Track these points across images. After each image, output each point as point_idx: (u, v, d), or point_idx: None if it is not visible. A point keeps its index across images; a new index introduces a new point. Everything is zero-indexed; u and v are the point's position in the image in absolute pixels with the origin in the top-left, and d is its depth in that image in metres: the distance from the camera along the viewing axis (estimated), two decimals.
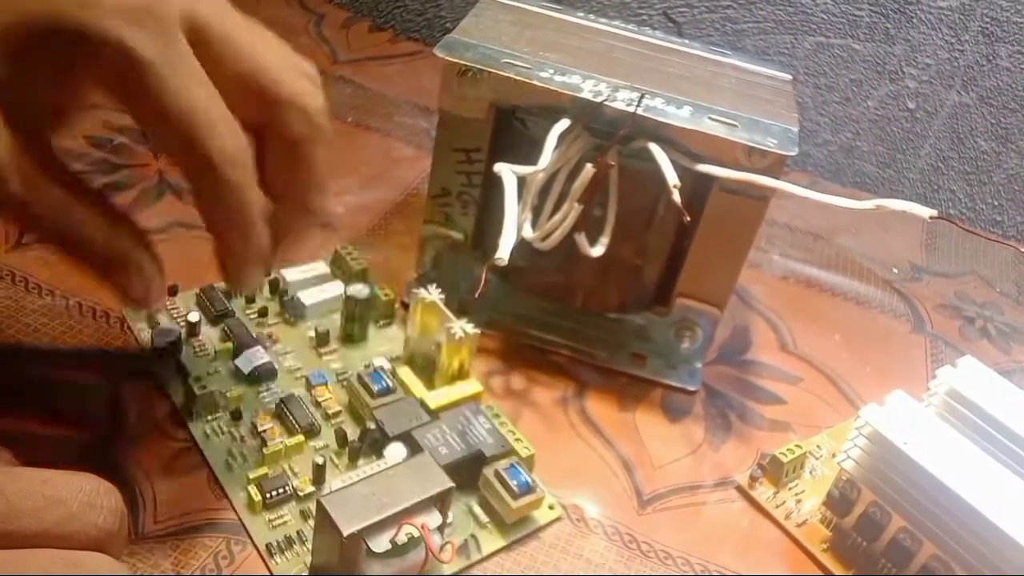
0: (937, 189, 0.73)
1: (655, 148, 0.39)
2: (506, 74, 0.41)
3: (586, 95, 0.40)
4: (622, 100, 0.40)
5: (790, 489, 0.42)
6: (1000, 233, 0.73)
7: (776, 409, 0.47)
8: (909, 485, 0.36)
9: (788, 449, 0.42)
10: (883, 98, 0.70)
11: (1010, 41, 0.66)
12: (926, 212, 0.35)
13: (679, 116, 0.40)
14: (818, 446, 0.44)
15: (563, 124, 0.40)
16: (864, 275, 0.60)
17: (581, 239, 0.41)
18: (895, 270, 0.61)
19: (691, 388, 0.47)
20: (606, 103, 0.40)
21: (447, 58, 0.41)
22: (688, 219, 0.39)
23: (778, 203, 0.41)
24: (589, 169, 0.39)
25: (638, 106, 0.40)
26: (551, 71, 0.41)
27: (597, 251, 0.41)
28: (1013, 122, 0.69)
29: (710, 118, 0.41)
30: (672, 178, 0.38)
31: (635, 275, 0.46)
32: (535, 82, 0.40)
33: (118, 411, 0.39)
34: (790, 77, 0.49)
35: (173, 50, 0.27)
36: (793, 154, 0.40)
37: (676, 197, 0.38)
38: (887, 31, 0.68)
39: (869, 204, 0.36)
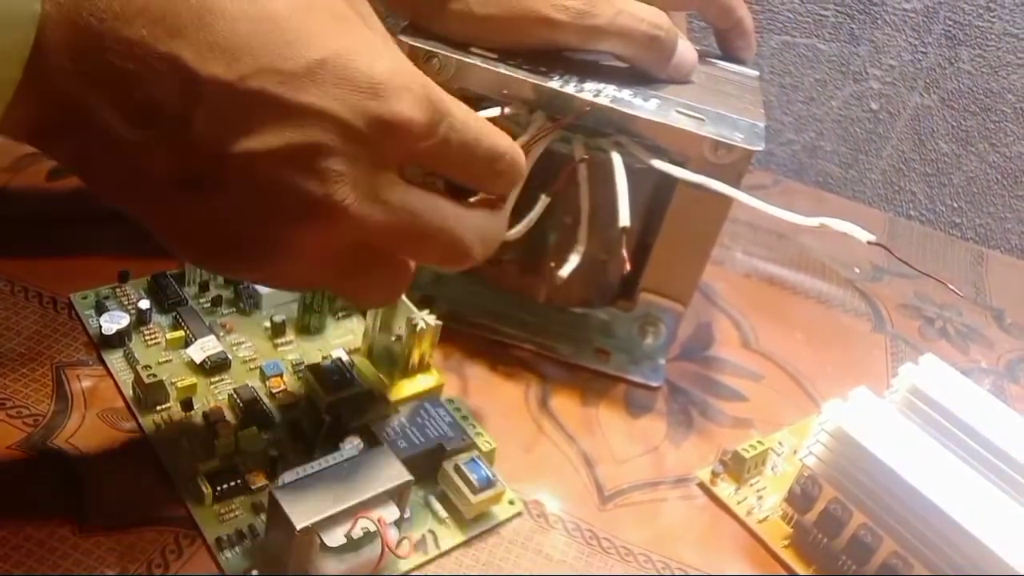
0: (898, 190, 0.74)
1: (616, 157, 0.39)
2: (472, 61, 0.40)
3: (553, 84, 0.40)
4: (589, 91, 0.40)
5: (752, 485, 0.41)
6: (959, 235, 0.74)
7: (738, 406, 0.47)
8: (870, 481, 0.36)
9: (750, 445, 0.42)
10: (847, 98, 0.71)
11: (972, 44, 0.67)
12: (865, 236, 0.36)
13: (646, 108, 0.40)
14: (780, 442, 0.44)
15: (492, 111, 0.39)
16: (826, 274, 0.60)
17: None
18: (856, 270, 0.62)
19: (654, 384, 0.47)
20: (572, 93, 0.39)
21: (411, 43, 0.40)
22: (628, 268, 0.39)
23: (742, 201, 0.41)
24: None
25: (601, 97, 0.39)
26: (518, 60, 0.41)
27: (566, 270, 0.41)
28: (973, 125, 0.69)
29: (677, 111, 0.40)
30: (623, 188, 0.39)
31: (600, 270, 0.46)
32: (502, 70, 0.40)
33: (64, 400, 0.37)
34: (757, 73, 0.49)
35: None
36: (759, 150, 0.40)
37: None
38: (852, 31, 0.68)
39: (814, 221, 0.36)
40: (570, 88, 0.40)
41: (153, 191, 0.27)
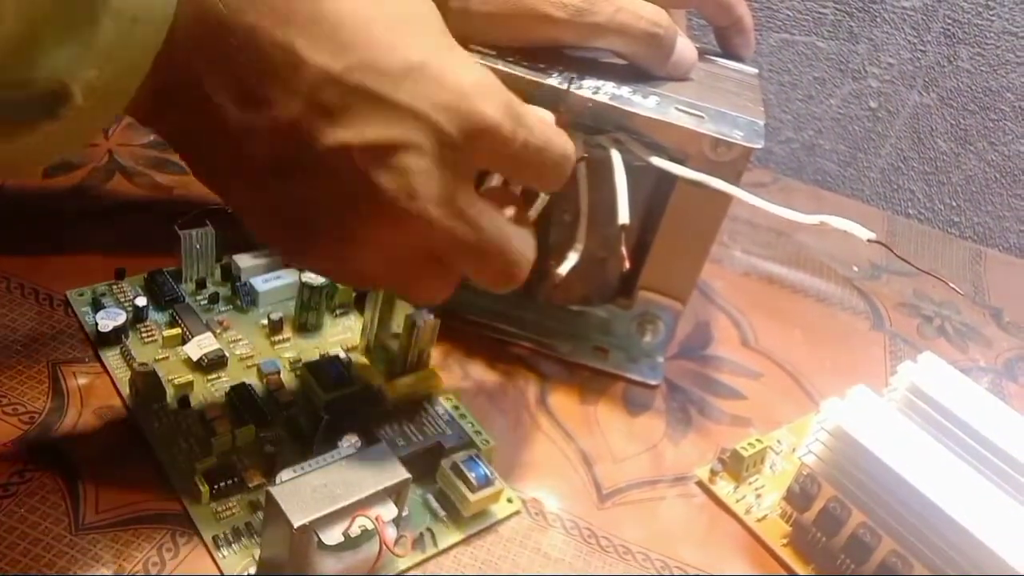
0: (897, 189, 0.74)
1: (615, 155, 0.39)
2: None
3: (552, 82, 0.39)
4: (588, 88, 0.40)
5: (750, 484, 0.41)
6: (957, 233, 0.74)
7: (737, 404, 0.47)
8: (869, 480, 0.36)
9: (749, 444, 0.41)
10: (846, 97, 0.71)
11: (971, 43, 0.66)
12: (865, 234, 0.36)
13: (645, 106, 0.40)
14: (779, 441, 0.44)
15: None
16: (825, 272, 0.60)
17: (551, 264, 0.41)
18: (855, 268, 0.62)
19: (652, 382, 0.47)
20: (571, 90, 0.39)
21: None
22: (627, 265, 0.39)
23: (741, 199, 0.41)
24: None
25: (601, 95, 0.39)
26: (517, 57, 0.40)
27: (565, 268, 0.41)
28: (972, 124, 0.69)
29: (676, 108, 0.40)
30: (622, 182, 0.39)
31: (599, 268, 0.46)
32: (500, 67, 0.39)
33: (60, 397, 0.37)
34: (756, 71, 0.49)
35: None
36: (759, 147, 0.39)
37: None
38: (851, 29, 0.68)
39: (814, 219, 0.36)
40: (569, 85, 0.39)
41: (246, 174, 0.29)
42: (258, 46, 0.26)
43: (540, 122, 0.32)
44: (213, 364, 0.39)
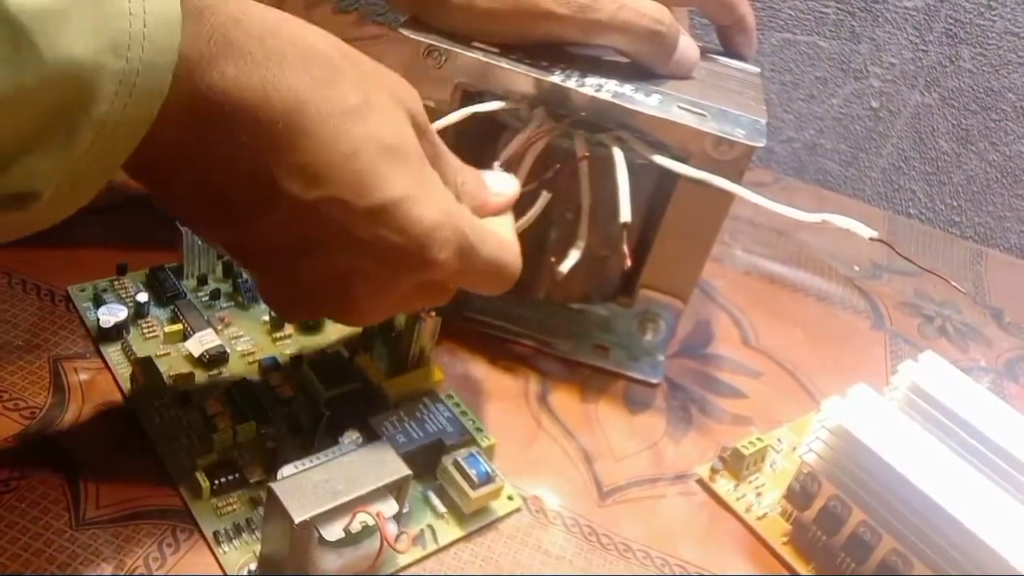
0: (898, 188, 0.74)
1: (617, 153, 0.40)
2: (473, 55, 0.40)
3: (554, 79, 0.39)
4: (590, 86, 0.40)
5: (751, 482, 0.41)
6: (958, 233, 0.74)
7: (737, 403, 0.47)
8: (870, 478, 0.36)
9: (749, 442, 0.41)
10: (847, 96, 0.71)
11: (972, 43, 0.66)
12: (867, 232, 0.36)
13: (647, 104, 0.40)
14: (779, 439, 0.44)
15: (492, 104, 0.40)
16: (826, 272, 0.60)
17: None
18: (856, 267, 0.62)
19: (653, 380, 0.47)
20: (574, 88, 0.39)
21: (412, 37, 0.40)
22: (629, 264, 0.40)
23: (743, 198, 0.41)
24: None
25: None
26: (520, 54, 0.40)
27: (567, 266, 0.41)
28: (974, 124, 0.69)
29: (679, 107, 0.40)
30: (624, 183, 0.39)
31: (600, 266, 0.46)
32: (503, 64, 0.39)
33: (61, 392, 0.37)
34: (758, 70, 0.49)
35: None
36: (761, 146, 0.39)
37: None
38: (853, 29, 0.68)
39: (816, 217, 0.36)
40: (572, 83, 0.39)
41: (206, 238, 0.33)
42: (236, 164, 0.27)
43: (494, 249, 0.33)
44: (214, 360, 0.39)
